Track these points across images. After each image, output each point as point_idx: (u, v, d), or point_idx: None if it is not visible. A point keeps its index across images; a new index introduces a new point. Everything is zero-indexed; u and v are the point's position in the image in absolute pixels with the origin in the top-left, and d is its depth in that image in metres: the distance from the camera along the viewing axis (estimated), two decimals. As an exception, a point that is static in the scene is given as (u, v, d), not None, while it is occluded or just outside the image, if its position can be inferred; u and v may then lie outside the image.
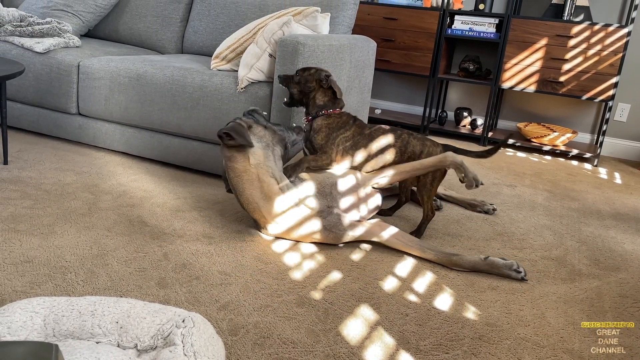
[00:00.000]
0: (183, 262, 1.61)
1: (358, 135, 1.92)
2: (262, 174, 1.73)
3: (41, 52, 2.60)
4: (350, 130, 1.92)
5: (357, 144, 1.91)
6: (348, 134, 1.91)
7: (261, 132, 1.79)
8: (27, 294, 1.36)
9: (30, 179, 2.17)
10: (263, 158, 1.74)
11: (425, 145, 1.91)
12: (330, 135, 1.89)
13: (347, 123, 1.93)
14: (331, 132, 1.90)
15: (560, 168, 3.15)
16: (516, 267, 1.67)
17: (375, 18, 3.70)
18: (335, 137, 1.89)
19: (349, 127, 1.92)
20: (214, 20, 2.96)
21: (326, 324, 1.36)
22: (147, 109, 2.39)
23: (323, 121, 1.91)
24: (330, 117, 1.92)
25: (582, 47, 3.22)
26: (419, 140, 1.92)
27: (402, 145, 1.91)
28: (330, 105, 1.93)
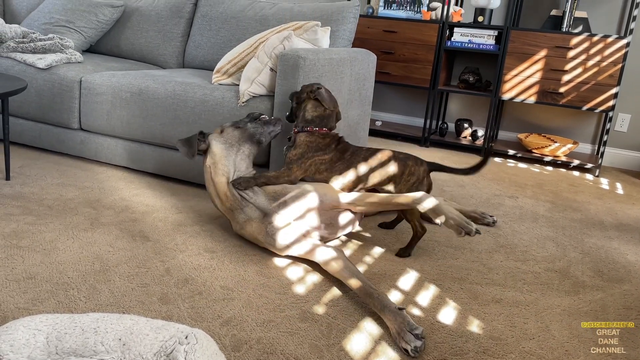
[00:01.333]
0: (185, 277, 1.61)
1: (337, 160, 1.89)
2: (214, 173, 1.85)
3: (43, 68, 2.61)
4: (329, 154, 1.88)
5: (332, 168, 1.88)
6: (325, 157, 1.88)
7: (228, 132, 1.92)
8: (29, 311, 1.36)
9: (32, 194, 2.18)
10: (219, 157, 1.86)
11: (407, 166, 1.87)
12: (306, 154, 1.86)
13: (328, 146, 1.90)
14: (308, 151, 1.87)
15: (562, 179, 3.15)
16: (419, 332, 1.33)
17: (375, 31, 3.72)
18: (311, 157, 1.86)
19: (329, 151, 1.89)
20: (215, 35, 2.98)
21: (330, 339, 1.36)
22: (149, 123, 2.40)
23: (306, 138, 1.89)
24: (314, 135, 1.90)
25: (582, 58, 3.23)
26: (400, 162, 1.88)
27: (381, 168, 1.87)
28: (317, 122, 1.92)
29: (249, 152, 1.91)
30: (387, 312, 1.41)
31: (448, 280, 1.72)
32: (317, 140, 1.89)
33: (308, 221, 1.78)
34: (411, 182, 1.86)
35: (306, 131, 1.91)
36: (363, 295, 1.51)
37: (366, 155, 1.90)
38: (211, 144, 1.89)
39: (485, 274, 1.78)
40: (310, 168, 1.86)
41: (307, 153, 1.87)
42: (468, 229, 1.62)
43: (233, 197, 1.81)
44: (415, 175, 1.86)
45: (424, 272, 1.76)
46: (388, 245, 1.97)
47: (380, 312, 1.43)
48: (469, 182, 2.88)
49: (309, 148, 1.88)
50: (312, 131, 1.91)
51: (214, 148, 1.88)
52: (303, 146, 1.88)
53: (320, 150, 1.88)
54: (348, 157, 1.90)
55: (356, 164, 1.88)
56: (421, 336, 1.33)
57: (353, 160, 1.89)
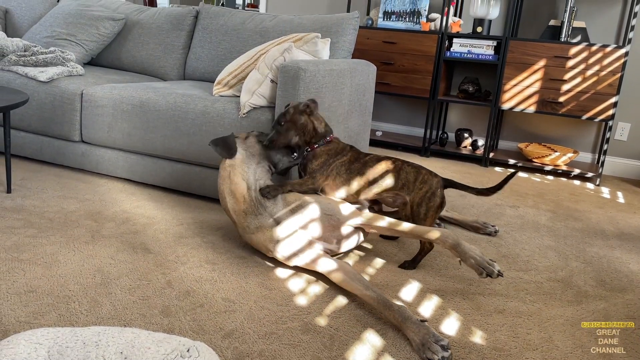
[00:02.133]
0: (187, 289, 1.60)
1: (355, 160, 1.91)
2: (233, 173, 1.83)
3: (45, 81, 2.63)
4: (347, 155, 1.91)
5: (351, 170, 1.89)
6: (344, 158, 1.90)
7: (251, 142, 1.90)
8: (30, 325, 1.36)
9: (33, 207, 2.18)
10: (239, 162, 1.85)
11: (420, 173, 1.85)
12: (327, 161, 1.88)
13: (344, 149, 1.93)
14: (329, 158, 1.89)
15: (563, 188, 3.15)
16: (445, 343, 1.34)
17: (375, 42, 3.74)
18: (332, 163, 1.88)
19: (346, 152, 1.92)
20: (215, 47, 3.00)
21: (332, 350, 1.35)
22: (150, 135, 2.41)
23: (324, 148, 1.91)
24: (331, 144, 1.93)
25: (581, 67, 3.25)
26: (413, 168, 1.87)
27: (396, 172, 1.86)
28: (329, 131, 1.95)
29: (269, 169, 1.91)
30: (409, 323, 1.41)
31: (450, 290, 1.72)
32: (334, 146, 1.92)
33: (318, 236, 1.77)
34: (424, 191, 1.82)
35: (325, 143, 1.93)
36: (381, 308, 1.49)
37: (379, 159, 1.91)
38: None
39: (488, 284, 1.78)
40: (332, 172, 1.88)
41: (328, 160, 1.89)
42: (490, 270, 1.56)
43: (251, 201, 1.79)
44: (428, 184, 1.83)
45: (426, 282, 1.76)
46: (390, 255, 1.96)
47: (401, 324, 1.42)
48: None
49: (329, 155, 1.90)
50: (330, 140, 1.93)
51: (239, 152, 1.87)
52: (324, 155, 1.90)
53: (339, 154, 1.91)
54: (363, 157, 1.92)
55: (371, 164, 1.89)
56: (447, 347, 1.33)
57: (368, 161, 1.90)
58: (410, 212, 1.83)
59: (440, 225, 2.21)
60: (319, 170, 1.88)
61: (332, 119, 2.32)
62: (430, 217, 1.83)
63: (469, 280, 1.80)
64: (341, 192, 1.88)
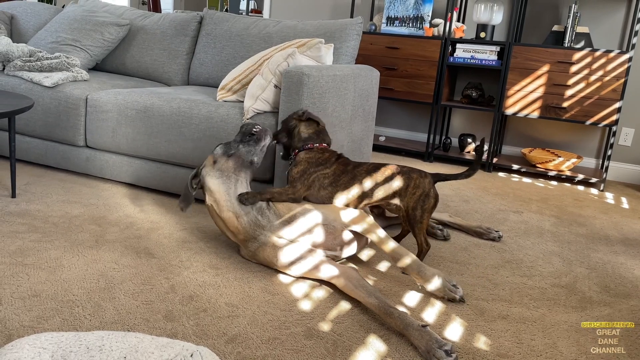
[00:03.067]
0: (190, 294, 1.60)
1: (340, 173, 1.86)
2: (219, 209, 1.82)
3: (50, 86, 2.64)
4: (330, 168, 1.87)
5: (338, 184, 1.85)
6: (327, 171, 1.86)
7: (222, 163, 1.87)
8: (34, 329, 1.36)
9: (37, 211, 2.18)
10: (219, 194, 1.82)
11: (412, 179, 1.84)
12: (307, 170, 1.85)
13: (328, 160, 1.89)
14: (309, 167, 1.86)
15: (567, 193, 3.15)
16: (449, 348, 1.34)
17: (378, 47, 3.75)
18: (312, 174, 1.85)
19: (330, 164, 1.87)
20: (219, 53, 3.01)
21: (335, 356, 1.35)
22: (154, 140, 2.41)
23: (305, 155, 1.90)
24: (312, 152, 1.90)
25: (584, 73, 3.25)
26: (404, 175, 1.85)
27: (386, 182, 1.84)
28: (314, 139, 1.93)
29: (247, 177, 1.90)
30: (412, 330, 1.41)
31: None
32: (317, 156, 1.89)
33: (320, 243, 1.76)
34: (417, 195, 1.83)
35: (306, 149, 1.92)
36: (382, 315, 1.49)
37: (369, 169, 1.88)
38: (206, 181, 1.85)
39: (491, 290, 1.77)
40: (314, 184, 1.85)
41: (308, 169, 1.86)
42: (451, 296, 1.66)
43: (245, 228, 1.77)
44: (421, 188, 1.84)
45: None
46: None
47: (404, 331, 1.42)
48: (473, 197, 2.88)
49: (310, 164, 1.87)
50: (311, 147, 1.92)
51: (211, 185, 1.84)
52: (304, 163, 1.88)
53: (321, 165, 1.87)
54: (351, 169, 1.88)
55: (360, 178, 1.86)
56: (451, 352, 1.33)
57: (357, 173, 1.86)
58: (407, 217, 1.84)
59: (443, 231, 2.20)
60: (299, 179, 1.85)
61: (335, 125, 2.33)
62: (426, 218, 1.84)
63: (472, 285, 1.80)
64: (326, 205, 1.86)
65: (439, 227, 2.21)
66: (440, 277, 1.67)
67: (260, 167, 2.16)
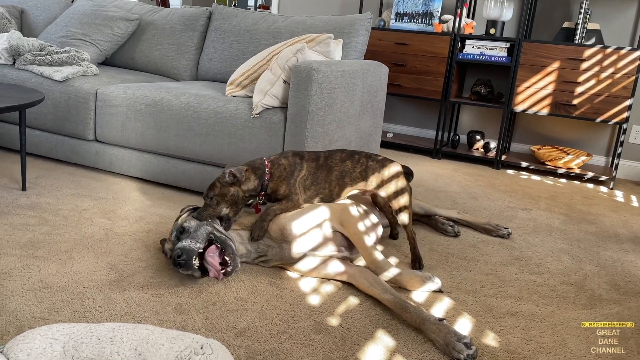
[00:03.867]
0: (199, 287, 1.61)
1: (315, 169, 1.81)
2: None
3: (60, 80, 2.65)
4: (303, 169, 1.80)
5: (317, 180, 1.81)
6: (303, 173, 1.79)
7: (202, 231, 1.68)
8: (45, 320, 1.37)
9: (48, 205, 2.20)
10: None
11: (385, 166, 1.83)
12: (289, 184, 1.76)
13: (294, 164, 1.79)
14: (289, 180, 1.77)
15: (576, 191, 3.13)
16: (467, 341, 1.34)
17: (387, 43, 3.74)
18: (295, 182, 1.78)
19: (300, 167, 1.80)
20: (228, 48, 3.01)
21: (344, 350, 1.35)
22: (163, 135, 2.42)
23: (273, 182, 1.77)
24: (274, 174, 1.77)
25: (595, 70, 3.22)
26: (378, 162, 1.84)
27: (362, 170, 1.82)
28: (258, 173, 1.77)
29: (237, 235, 1.76)
30: (429, 324, 1.41)
31: (462, 292, 1.71)
32: (279, 171, 1.78)
33: (325, 244, 1.76)
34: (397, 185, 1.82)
35: (268, 181, 1.77)
36: (399, 311, 1.50)
37: (343, 158, 1.83)
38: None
39: (500, 287, 1.77)
40: (300, 188, 1.79)
41: (289, 181, 1.77)
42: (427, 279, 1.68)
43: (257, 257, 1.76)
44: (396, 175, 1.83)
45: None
46: (401, 258, 1.96)
47: (420, 325, 1.43)
48: (481, 194, 2.87)
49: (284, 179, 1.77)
50: (268, 176, 1.77)
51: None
52: (280, 183, 1.76)
53: (295, 171, 1.78)
54: (323, 161, 1.83)
55: (337, 170, 1.81)
56: (470, 344, 1.33)
57: (332, 166, 1.81)
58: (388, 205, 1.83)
59: (454, 227, 2.20)
60: (289, 192, 1.76)
61: (343, 120, 2.33)
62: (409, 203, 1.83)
63: (480, 282, 1.79)
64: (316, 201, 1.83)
65: (449, 224, 2.21)
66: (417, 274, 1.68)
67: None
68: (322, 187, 1.82)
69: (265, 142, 2.22)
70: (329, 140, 2.24)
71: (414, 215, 2.28)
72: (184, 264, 1.55)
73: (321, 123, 2.15)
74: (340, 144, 2.34)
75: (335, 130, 2.27)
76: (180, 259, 1.54)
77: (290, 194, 1.77)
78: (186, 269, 1.56)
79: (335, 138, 2.29)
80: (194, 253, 1.56)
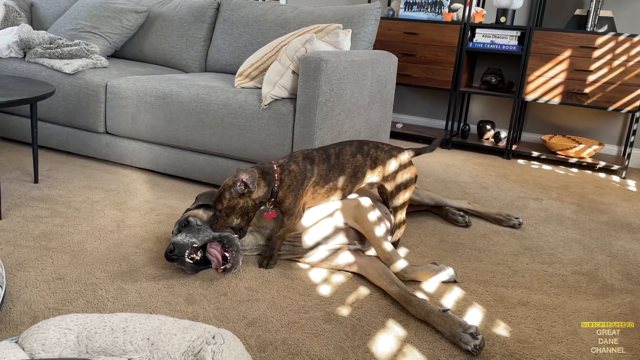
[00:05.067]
0: (210, 277, 1.62)
1: (326, 171, 1.72)
2: None
3: (70, 73, 2.67)
4: (314, 175, 1.69)
5: (329, 181, 1.72)
6: (314, 179, 1.69)
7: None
8: (59, 311, 1.39)
9: (60, 197, 2.22)
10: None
11: (394, 156, 1.81)
12: (296, 196, 1.66)
13: (304, 171, 1.68)
14: (297, 191, 1.66)
15: (588, 181, 3.10)
16: (474, 331, 1.34)
17: (396, 33, 3.71)
18: (304, 194, 1.68)
19: (311, 173, 1.69)
20: (236, 39, 3.01)
21: (354, 340, 1.35)
22: (173, 127, 2.43)
23: (283, 191, 1.66)
24: (283, 181, 1.66)
25: (607, 58, 3.18)
26: (386, 153, 1.80)
27: (372, 163, 1.78)
28: (269, 179, 1.65)
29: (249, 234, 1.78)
30: (433, 317, 1.41)
31: (473, 282, 1.71)
32: (289, 179, 1.66)
33: (336, 235, 1.76)
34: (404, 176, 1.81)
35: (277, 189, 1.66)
36: (403, 303, 1.51)
37: (353, 152, 1.77)
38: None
39: (511, 277, 1.76)
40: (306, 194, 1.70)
41: (296, 194, 1.67)
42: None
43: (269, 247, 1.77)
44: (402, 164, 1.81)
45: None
46: (411, 247, 1.95)
47: (425, 318, 1.43)
48: (492, 184, 2.85)
49: (293, 190, 1.66)
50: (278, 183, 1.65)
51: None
52: (289, 194, 1.66)
53: (305, 180, 1.68)
54: (333, 159, 1.74)
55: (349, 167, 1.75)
56: (476, 334, 1.33)
57: (345, 164, 1.75)
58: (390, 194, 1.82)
59: (465, 217, 2.19)
60: (292, 207, 1.67)
61: (352, 111, 2.32)
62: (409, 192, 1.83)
63: (491, 272, 1.79)
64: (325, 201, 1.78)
65: (460, 214, 2.20)
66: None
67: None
68: (335, 188, 1.75)
69: (274, 133, 2.22)
70: (338, 131, 2.24)
71: (424, 207, 2.28)
72: (175, 259, 1.53)
73: (330, 114, 2.15)
74: (349, 135, 2.33)
75: (344, 121, 2.26)
76: (172, 254, 1.53)
77: (291, 209, 1.67)
78: (180, 263, 1.56)
79: (345, 129, 2.28)
80: (186, 248, 1.54)
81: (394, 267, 1.65)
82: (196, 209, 1.74)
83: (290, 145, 2.20)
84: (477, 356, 1.32)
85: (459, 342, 1.34)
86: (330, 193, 1.75)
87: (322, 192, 1.73)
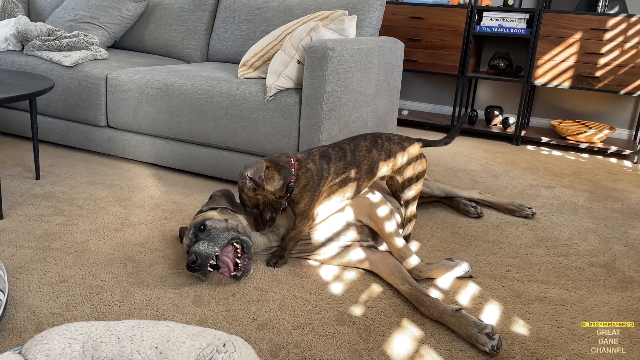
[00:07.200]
0: (218, 278, 1.58)
1: (343, 169, 1.65)
2: None
3: (69, 65, 2.61)
4: (330, 174, 1.63)
5: (346, 179, 1.66)
6: (329, 178, 1.63)
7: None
8: (63, 316, 1.35)
9: (62, 194, 2.17)
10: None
11: (405, 149, 1.75)
12: (312, 198, 1.61)
13: (321, 171, 1.62)
14: (313, 192, 1.61)
15: (599, 166, 3.04)
16: (489, 331, 1.30)
17: (401, 18, 3.63)
18: (320, 194, 1.63)
19: (327, 173, 1.63)
20: (239, 28, 2.93)
21: (369, 342, 1.31)
22: (176, 119, 2.37)
23: (299, 190, 1.60)
24: (300, 179, 1.60)
25: (619, 40, 3.10)
26: (398, 145, 1.75)
27: (386, 156, 1.73)
28: (285, 173, 1.59)
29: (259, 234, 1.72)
30: (447, 317, 1.37)
31: (488, 277, 1.66)
32: (306, 179, 1.60)
33: (346, 231, 1.71)
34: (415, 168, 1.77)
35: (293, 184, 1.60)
36: (415, 303, 1.46)
37: (368, 148, 1.71)
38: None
39: (527, 270, 1.71)
40: (324, 195, 1.65)
41: (312, 194, 1.61)
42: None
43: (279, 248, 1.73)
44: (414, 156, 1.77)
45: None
46: (423, 241, 1.91)
47: (439, 318, 1.39)
48: (502, 172, 2.79)
49: (310, 191, 1.61)
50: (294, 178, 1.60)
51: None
52: (305, 195, 1.61)
53: (322, 180, 1.62)
54: (350, 156, 1.67)
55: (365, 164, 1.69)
56: (493, 334, 1.29)
57: (361, 161, 1.69)
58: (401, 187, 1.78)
59: (476, 208, 2.13)
60: (307, 210, 1.62)
61: (360, 101, 2.26)
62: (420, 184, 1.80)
63: (506, 266, 1.74)
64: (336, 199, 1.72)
65: (471, 205, 2.15)
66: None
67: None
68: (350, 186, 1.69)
69: (280, 125, 2.16)
70: (345, 121, 2.18)
71: (434, 198, 2.22)
72: (198, 269, 1.49)
73: (337, 104, 2.09)
74: (356, 126, 2.27)
75: (351, 111, 2.20)
76: (194, 264, 1.48)
77: (306, 212, 1.62)
78: (201, 273, 1.51)
79: (352, 119, 2.22)
80: (209, 258, 1.49)
81: (407, 264, 1.60)
82: (210, 210, 1.68)
83: (297, 137, 2.15)
84: (496, 357, 1.27)
85: (475, 343, 1.29)
86: (345, 191, 1.69)
87: (337, 190, 1.67)
